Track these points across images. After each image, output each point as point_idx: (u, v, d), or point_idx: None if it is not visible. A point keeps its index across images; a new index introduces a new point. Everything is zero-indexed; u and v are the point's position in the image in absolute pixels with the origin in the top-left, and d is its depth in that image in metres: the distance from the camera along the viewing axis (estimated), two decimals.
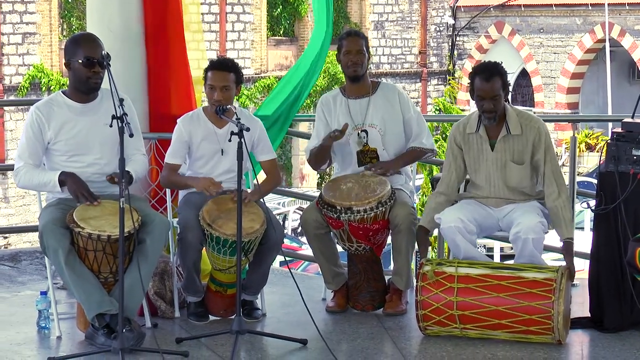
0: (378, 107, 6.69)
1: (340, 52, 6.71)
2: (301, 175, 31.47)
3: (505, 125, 6.23)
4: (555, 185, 6.19)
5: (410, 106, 6.78)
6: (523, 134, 6.23)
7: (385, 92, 6.76)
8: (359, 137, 6.65)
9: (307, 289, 6.82)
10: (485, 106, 6.17)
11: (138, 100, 6.84)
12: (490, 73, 6.16)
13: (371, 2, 32.98)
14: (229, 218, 6.08)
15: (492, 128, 6.26)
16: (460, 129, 6.37)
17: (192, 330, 6.19)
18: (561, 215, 6.15)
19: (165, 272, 6.48)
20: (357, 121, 6.68)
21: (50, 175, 5.92)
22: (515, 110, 6.28)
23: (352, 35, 6.74)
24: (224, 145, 6.36)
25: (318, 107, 6.82)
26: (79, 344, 5.94)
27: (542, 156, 6.22)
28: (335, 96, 6.80)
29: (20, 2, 26.11)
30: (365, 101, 6.72)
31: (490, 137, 6.28)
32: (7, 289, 7.25)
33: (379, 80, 6.93)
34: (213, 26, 29.59)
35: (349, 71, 6.71)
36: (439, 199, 6.38)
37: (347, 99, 6.74)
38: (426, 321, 6.01)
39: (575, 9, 32.53)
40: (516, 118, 6.24)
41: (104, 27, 6.80)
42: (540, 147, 6.23)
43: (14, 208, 25.98)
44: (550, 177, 6.21)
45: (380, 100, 6.72)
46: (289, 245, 19.52)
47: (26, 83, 26.11)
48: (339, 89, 6.84)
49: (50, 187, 5.94)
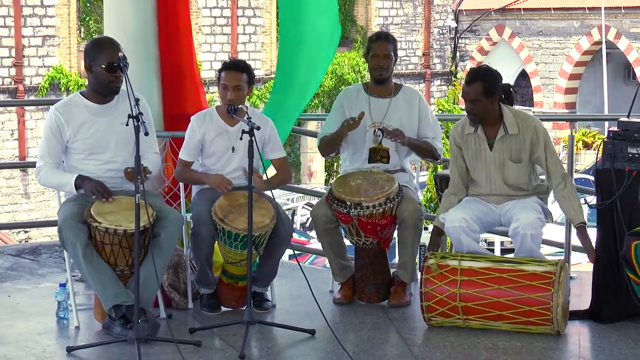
0: (398, 109, 6.67)
1: (369, 54, 6.67)
2: (309, 172, 31.46)
3: (503, 126, 6.22)
4: (559, 177, 6.20)
5: (429, 112, 6.75)
6: (520, 133, 6.22)
7: (406, 95, 6.74)
8: (374, 134, 6.64)
9: (315, 281, 6.82)
10: (466, 107, 6.22)
11: (152, 99, 6.84)
12: (472, 77, 6.19)
13: (377, 6, 32.94)
14: (240, 213, 6.08)
15: (489, 129, 6.26)
16: (459, 130, 6.37)
17: (205, 320, 6.19)
18: (570, 203, 6.15)
19: (179, 265, 6.49)
20: (376, 119, 6.66)
21: (68, 178, 5.93)
22: (511, 111, 6.27)
23: (381, 39, 6.67)
24: (235, 143, 6.35)
25: (338, 98, 6.79)
26: (96, 334, 5.94)
27: (543, 153, 6.22)
28: (358, 91, 6.77)
29: (40, 6, 26.13)
30: (386, 101, 6.69)
31: (489, 137, 6.27)
32: (28, 281, 7.26)
33: (401, 84, 6.87)
34: (225, 29, 29.57)
35: (375, 74, 6.67)
36: (451, 199, 6.39)
37: (369, 96, 6.71)
38: (430, 312, 6.00)
39: (572, 13, 32.45)
40: (513, 118, 6.23)
41: (119, 29, 6.81)
42: (539, 144, 6.22)
43: (34, 203, 26.02)
44: (554, 170, 6.21)
45: (401, 103, 6.69)
46: (298, 239, 19.50)
47: (46, 84, 26.14)
48: (362, 85, 6.81)
49: (67, 188, 5.97)
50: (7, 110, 25.59)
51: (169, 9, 7.02)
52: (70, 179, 5.92)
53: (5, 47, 25.70)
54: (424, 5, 34.18)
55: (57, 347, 5.76)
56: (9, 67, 25.83)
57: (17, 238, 23.58)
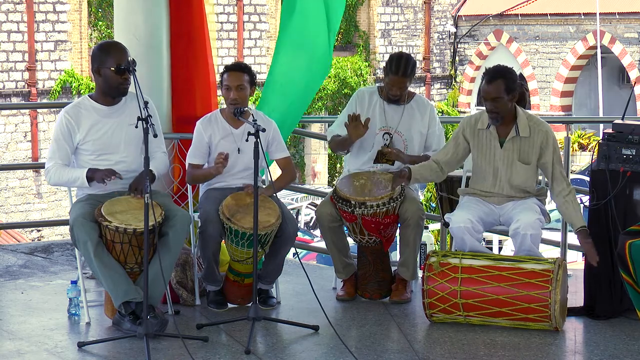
0: (409, 117, 6.64)
1: (387, 77, 6.56)
2: (313, 172, 31.47)
3: (515, 127, 6.18)
4: (564, 183, 6.18)
5: (437, 124, 6.72)
6: (531, 137, 6.18)
7: (419, 104, 6.71)
8: (383, 138, 6.62)
9: (318, 278, 6.81)
10: (488, 107, 6.14)
11: (161, 102, 6.84)
12: (492, 76, 6.11)
13: (378, 12, 32.95)
14: (247, 212, 6.07)
15: (502, 127, 6.21)
16: (471, 123, 6.30)
17: (212, 317, 6.19)
18: (572, 209, 6.13)
19: (186, 263, 6.48)
20: (388, 123, 6.64)
21: (78, 173, 5.92)
22: (525, 114, 6.23)
23: (399, 75, 6.50)
24: (240, 145, 6.35)
25: (352, 98, 6.74)
26: (106, 330, 5.94)
27: (551, 159, 6.18)
28: (372, 94, 6.73)
29: (52, 12, 26.17)
30: (400, 108, 6.66)
31: (500, 136, 6.23)
32: (41, 278, 7.25)
33: (414, 92, 6.79)
34: (231, 34, 29.60)
35: (390, 95, 6.60)
36: (431, 164, 6.28)
37: (383, 101, 6.69)
38: (432, 309, 5.99)
39: (568, 18, 32.44)
40: (526, 121, 6.19)
41: (130, 35, 6.80)
42: (548, 150, 6.19)
43: (46, 203, 26.04)
44: (559, 176, 6.19)
45: (412, 111, 6.66)
46: (302, 238, 19.51)
47: (58, 87, 26.17)
48: (377, 88, 6.76)
49: (79, 183, 5.95)
50: (20, 112, 25.64)
51: (183, 12, 7.00)
52: (81, 173, 5.91)
53: (19, 51, 25.75)
54: (424, 11, 34.18)
55: (69, 342, 5.75)
56: (22, 71, 25.88)
57: (30, 237, 23.61)
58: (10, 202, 25.48)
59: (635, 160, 6.06)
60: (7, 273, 7.37)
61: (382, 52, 32.78)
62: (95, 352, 5.56)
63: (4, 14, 25.47)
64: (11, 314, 6.30)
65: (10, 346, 5.63)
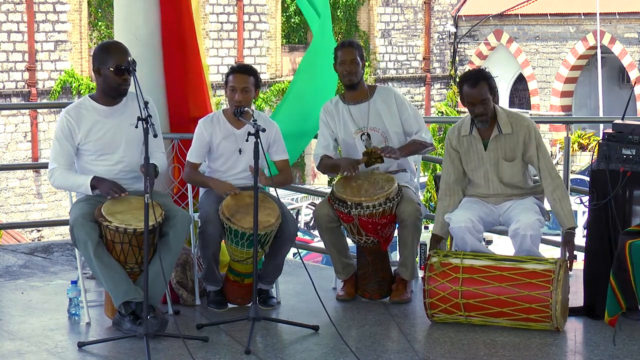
0: (377, 110, 6.64)
1: (336, 62, 6.65)
2: (313, 173, 31.45)
3: (497, 126, 6.20)
4: (550, 178, 6.16)
5: (407, 105, 6.70)
6: (514, 133, 6.19)
7: (382, 95, 6.70)
8: (362, 139, 6.62)
9: (318, 279, 6.81)
10: (477, 111, 6.14)
11: (161, 102, 6.84)
12: (475, 79, 6.13)
13: (379, 12, 32.96)
14: (247, 212, 6.07)
15: (484, 129, 6.23)
16: (455, 133, 6.33)
17: (212, 317, 6.19)
18: (559, 207, 6.12)
19: (186, 263, 6.48)
20: (360, 125, 6.64)
21: (83, 180, 5.92)
22: (505, 111, 6.25)
23: (345, 45, 6.64)
24: (241, 145, 6.35)
25: (321, 115, 6.73)
26: (106, 330, 5.94)
27: (535, 152, 6.19)
28: (336, 103, 6.74)
29: (52, 12, 26.18)
30: (365, 106, 6.67)
31: (483, 138, 6.24)
32: (41, 278, 7.25)
33: (375, 84, 6.86)
34: (232, 34, 29.60)
35: (344, 80, 6.65)
36: (445, 203, 6.33)
37: (347, 105, 6.69)
38: (433, 309, 5.99)
39: (568, 18, 32.44)
40: (506, 118, 6.20)
41: (130, 35, 6.80)
42: (532, 144, 6.20)
43: (47, 203, 26.05)
44: (545, 171, 6.18)
45: (379, 104, 6.66)
46: (302, 238, 19.51)
47: (58, 87, 26.18)
48: (339, 96, 6.76)
49: (82, 189, 5.96)
50: (20, 113, 25.66)
51: (173, 14, 6.99)
52: (86, 180, 5.91)
53: (19, 51, 25.77)
54: (424, 11, 34.18)
55: (69, 342, 5.75)
56: (22, 71, 25.89)
57: (30, 237, 23.63)
58: (10, 202, 25.50)
59: (635, 160, 6.06)
60: (7, 273, 7.37)
61: (382, 52, 32.79)
62: (95, 352, 5.56)
63: (4, 14, 25.50)
64: (11, 314, 6.31)
65: (10, 346, 5.63)
